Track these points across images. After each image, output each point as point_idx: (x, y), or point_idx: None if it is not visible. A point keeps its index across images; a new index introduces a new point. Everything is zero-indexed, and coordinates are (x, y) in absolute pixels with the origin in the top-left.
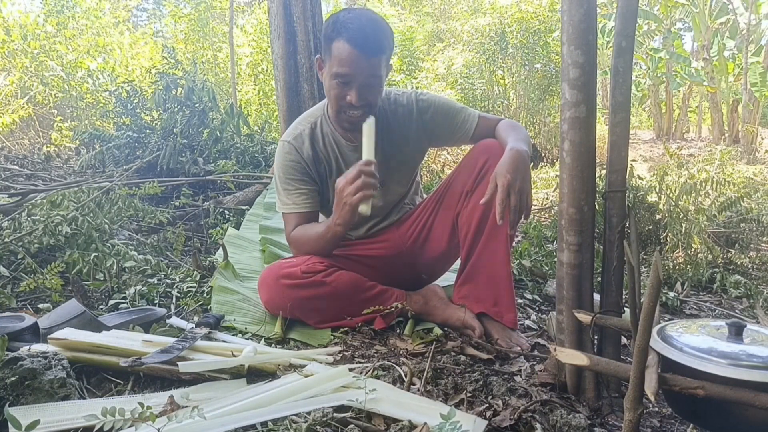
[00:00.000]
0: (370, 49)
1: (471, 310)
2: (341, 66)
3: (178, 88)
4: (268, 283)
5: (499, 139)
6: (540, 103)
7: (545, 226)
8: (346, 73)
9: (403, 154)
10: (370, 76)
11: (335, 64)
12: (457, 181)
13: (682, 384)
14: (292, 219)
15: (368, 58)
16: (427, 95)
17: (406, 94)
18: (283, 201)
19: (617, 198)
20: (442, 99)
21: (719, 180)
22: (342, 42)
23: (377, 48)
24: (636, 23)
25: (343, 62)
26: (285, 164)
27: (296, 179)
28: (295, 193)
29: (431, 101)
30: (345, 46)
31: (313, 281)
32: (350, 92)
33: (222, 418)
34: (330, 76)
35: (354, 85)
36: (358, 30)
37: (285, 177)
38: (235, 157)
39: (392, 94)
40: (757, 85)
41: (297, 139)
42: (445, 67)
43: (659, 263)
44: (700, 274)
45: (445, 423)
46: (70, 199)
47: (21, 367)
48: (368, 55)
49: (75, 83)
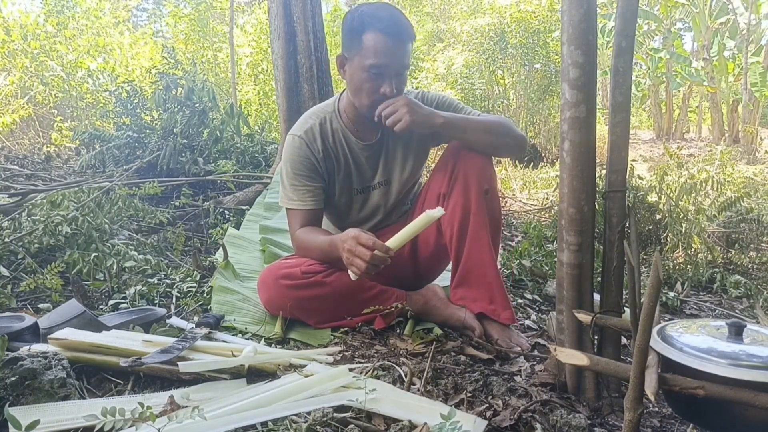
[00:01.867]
0: (404, 37)
1: (470, 311)
2: (377, 57)
3: (178, 88)
4: (267, 284)
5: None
6: (540, 103)
7: (545, 226)
8: (382, 63)
9: (408, 151)
10: (403, 65)
11: (370, 56)
12: (432, 184)
13: (682, 384)
14: (298, 216)
15: (403, 46)
16: (432, 93)
17: (413, 92)
18: (288, 196)
19: (617, 198)
20: (446, 96)
21: (719, 180)
22: (375, 33)
23: (409, 35)
24: (636, 23)
25: (379, 53)
26: (294, 159)
27: (304, 175)
28: (302, 189)
29: (435, 97)
30: (380, 36)
31: (313, 281)
32: (385, 84)
33: (222, 418)
34: (362, 69)
35: (388, 75)
36: (390, 19)
37: (293, 172)
38: (235, 157)
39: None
40: (757, 85)
41: (308, 134)
42: (445, 67)
43: (659, 263)
44: (700, 274)
45: (445, 423)
46: (70, 199)
47: (21, 367)
48: (403, 42)
49: (75, 83)
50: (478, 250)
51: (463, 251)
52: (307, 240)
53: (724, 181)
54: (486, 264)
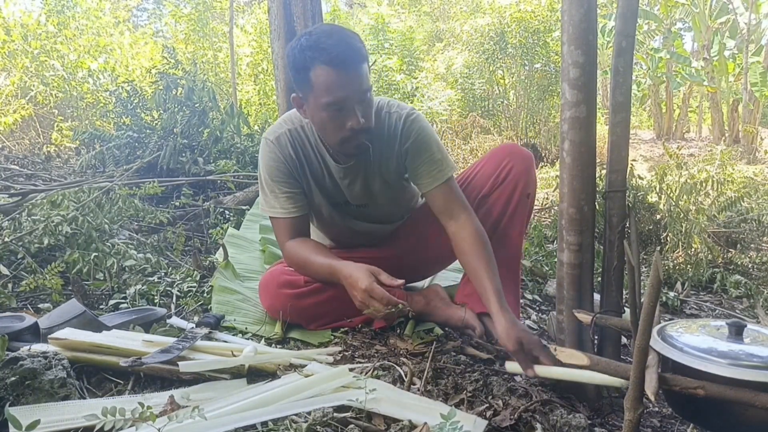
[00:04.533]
0: (355, 62)
1: (472, 310)
2: (332, 93)
3: (179, 88)
4: (269, 291)
5: (463, 244)
6: (540, 103)
7: (545, 226)
8: (339, 98)
9: (386, 174)
10: (363, 91)
11: (323, 95)
12: (473, 183)
13: (682, 384)
14: (284, 225)
15: (357, 71)
16: (417, 123)
17: (397, 113)
18: (270, 203)
19: (617, 198)
20: (427, 136)
21: (719, 180)
22: (322, 68)
23: (360, 57)
24: (636, 23)
25: (332, 89)
26: (269, 165)
27: (282, 181)
28: (282, 196)
29: (416, 132)
30: (328, 70)
31: (315, 288)
32: (350, 118)
33: (222, 418)
34: (320, 108)
35: (351, 108)
36: (334, 47)
37: (270, 179)
38: (236, 157)
39: (382, 110)
40: (757, 84)
41: (280, 140)
42: (445, 67)
43: (659, 263)
44: (700, 274)
45: (445, 423)
46: (70, 199)
47: (21, 367)
48: (355, 69)
49: (75, 83)
50: (506, 249)
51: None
52: (301, 258)
53: (724, 181)
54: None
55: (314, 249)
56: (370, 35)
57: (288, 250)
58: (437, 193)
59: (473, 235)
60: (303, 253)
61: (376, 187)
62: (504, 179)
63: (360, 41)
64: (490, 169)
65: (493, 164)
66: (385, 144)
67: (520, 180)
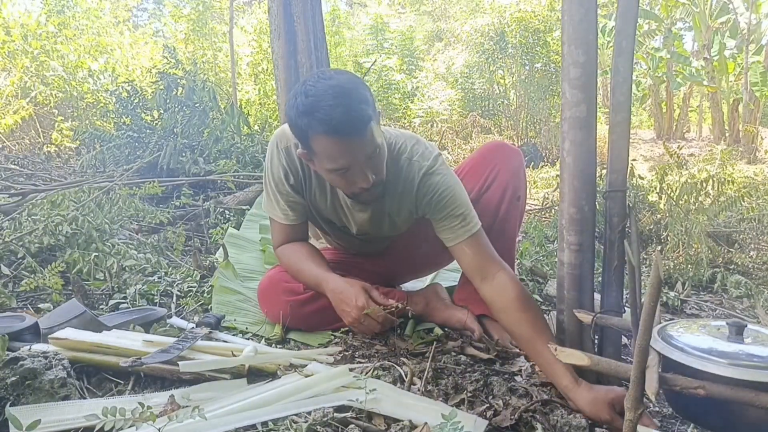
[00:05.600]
0: (357, 129)
1: (472, 312)
2: (335, 162)
3: (179, 88)
4: (270, 298)
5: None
6: (540, 102)
7: (546, 225)
8: (344, 165)
9: (395, 216)
10: (370, 152)
11: (326, 162)
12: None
13: (682, 384)
14: (281, 229)
15: (360, 139)
16: (435, 178)
17: (418, 163)
18: (271, 205)
19: (618, 198)
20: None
21: (720, 180)
22: (320, 137)
23: (362, 122)
24: (636, 23)
25: (335, 158)
26: (273, 171)
27: (285, 192)
28: (283, 203)
29: (434, 188)
30: (326, 140)
31: (315, 294)
32: (359, 178)
33: (222, 418)
34: (326, 172)
35: (359, 168)
36: (331, 115)
37: (273, 184)
38: (236, 157)
39: (402, 155)
40: (757, 84)
41: (288, 152)
42: (445, 66)
43: (660, 263)
44: (700, 273)
45: (446, 423)
46: (70, 199)
47: (21, 367)
48: (358, 135)
49: (75, 83)
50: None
51: None
52: (292, 263)
53: (725, 180)
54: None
55: (306, 254)
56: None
57: (281, 253)
58: (463, 250)
59: (517, 300)
60: (294, 258)
61: (384, 221)
62: (493, 181)
63: (364, 98)
64: (478, 171)
65: (481, 165)
66: (400, 191)
67: (510, 183)
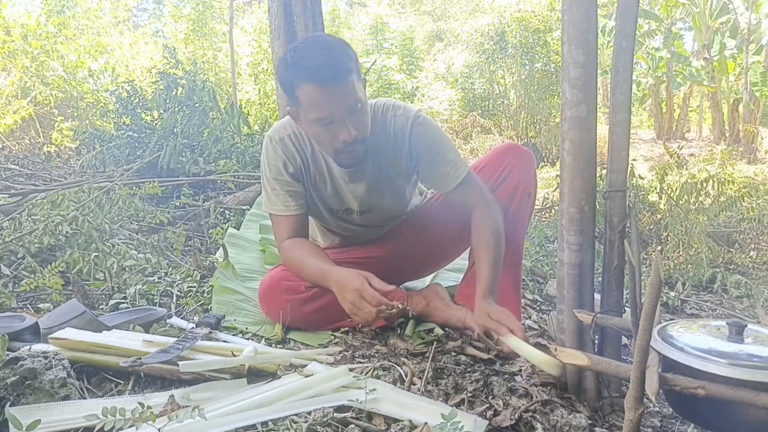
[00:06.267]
0: (337, 77)
1: (472, 310)
2: (318, 110)
3: (179, 88)
4: (269, 297)
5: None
6: (540, 102)
7: (546, 225)
8: (326, 114)
9: (393, 176)
10: (351, 103)
11: (310, 111)
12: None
13: (682, 384)
14: (283, 223)
15: (342, 86)
16: (425, 126)
17: (401, 116)
18: (271, 201)
19: (618, 197)
20: (437, 138)
21: (720, 180)
22: (305, 85)
23: (343, 71)
24: (636, 23)
25: (318, 105)
26: (271, 164)
27: (283, 180)
28: (282, 194)
29: (425, 136)
30: (311, 87)
31: (315, 293)
32: (341, 130)
33: (222, 418)
34: (310, 123)
35: (340, 121)
36: (314, 63)
37: (271, 177)
38: (236, 157)
39: (388, 113)
40: (757, 84)
41: (282, 141)
42: (446, 66)
43: (660, 263)
44: (700, 273)
45: (446, 423)
46: (70, 199)
47: (21, 367)
48: (339, 83)
49: (75, 83)
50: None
51: None
52: (296, 260)
53: (725, 180)
54: (512, 262)
55: (310, 251)
56: (370, 35)
57: (284, 249)
58: (456, 194)
59: (484, 226)
60: (297, 254)
61: (383, 188)
62: (505, 179)
63: (346, 53)
64: (491, 169)
65: (495, 164)
66: (392, 146)
67: (522, 180)
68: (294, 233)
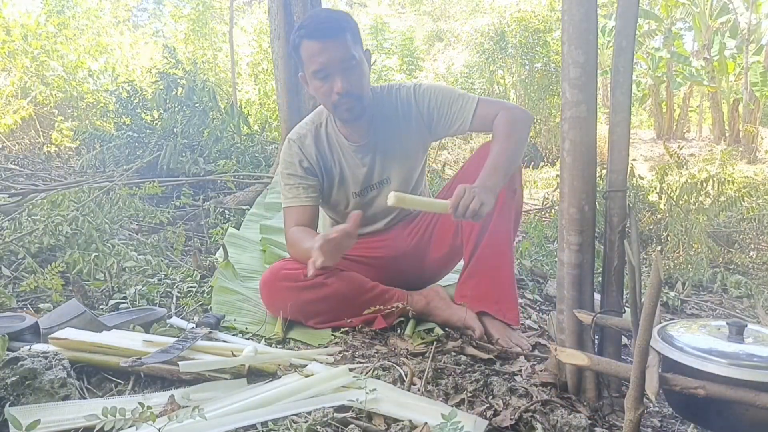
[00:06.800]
0: (331, 32)
1: (471, 310)
2: (314, 62)
3: (179, 88)
4: (269, 286)
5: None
6: (540, 102)
7: (546, 225)
8: (321, 65)
9: (405, 149)
10: (344, 59)
11: (310, 65)
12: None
13: (682, 384)
14: (292, 213)
15: (335, 41)
16: (425, 85)
17: (404, 87)
18: (285, 196)
19: (618, 198)
20: (440, 87)
21: (720, 180)
22: (305, 42)
23: (336, 29)
24: (636, 23)
25: (313, 57)
26: (287, 161)
27: (297, 175)
28: (295, 186)
29: (429, 91)
30: (308, 42)
31: (314, 283)
32: (334, 83)
33: (222, 418)
34: (311, 78)
35: (334, 74)
36: (312, 22)
37: (287, 173)
38: (236, 157)
39: (392, 89)
40: (757, 84)
41: (301, 139)
42: (446, 66)
43: (660, 263)
44: (700, 273)
45: (446, 423)
46: (70, 199)
47: (21, 367)
48: (333, 37)
49: (75, 83)
50: (497, 247)
51: (479, 246)
52: (295, 241)
53: (725, 180)
54: (502, 261)
55: (308, 234)
56: (370, 35)
57: (289, 234)
58: (477, 120)
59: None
60: (298, 237)
61: (396, 157)
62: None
63: (344, 17)
64: (473, 166)
65: (477, 161)
66: (400, 117)
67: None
68: (301, 223)
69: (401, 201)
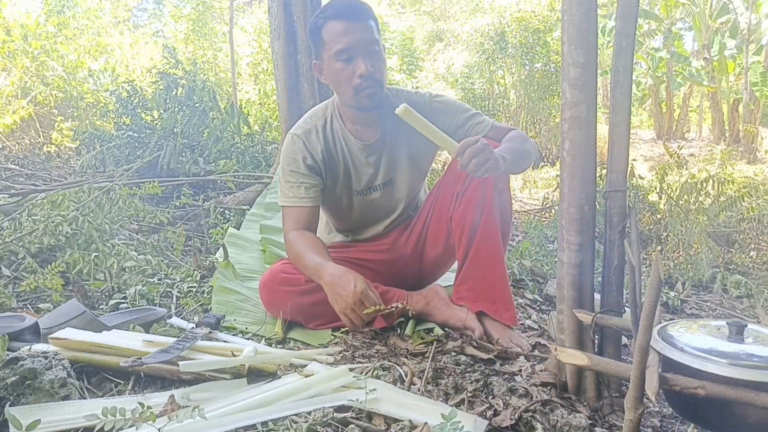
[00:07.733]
0: (359, 15)
1: (470, 311)
2: (339, 41)
3: (179, 88)
4: (269, 288)
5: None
6: (540, 102)
7: (546, 225)
8: (346, 45)
9: (415, 152)
10: (369, 42)
11: (333, 45)
12: (446, 184)
13: (682, 384)
14: (292, 214)
15: (361, 23)
16: (443, 97)
17: (420, 93)
18: (285, 194)
19: (618, 197)
20: (457, 102)
21: (720, 179)
22: (330, 22)
23: (365, 13)
24: (636, 23)
25: (339, 37)
26: (290, 157)
27: (300, 172)
28: (296, 185)
29: (446, 104)
30: (335, 22)
31: (314, 287)
32: (357, 65)
33: (222, 418)
34: (332, 60)
35: (358, 56)
36: (338, 4)
37: (288, 169)
38: (236, 157)
39: (407, 93)
40: (757, 84)
41: (307, 134)
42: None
43: (660, 263)
44: (700, 273)
45: (446, 423)
46: (70, 199)
47: (21, 367)
48: (359, 20)
49: (75, 83)
50: (487, 247)
51: (471, 248)
52: (298, 252)
53: (725, 180)
54: (494, 261)
55: (311, 244)
56: None
57: (289, 240)
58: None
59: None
60: (299, 246)
61: (401, 160)
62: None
63: (369, 6)
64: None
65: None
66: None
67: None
68: (301, 225)
69: (408, 115)
